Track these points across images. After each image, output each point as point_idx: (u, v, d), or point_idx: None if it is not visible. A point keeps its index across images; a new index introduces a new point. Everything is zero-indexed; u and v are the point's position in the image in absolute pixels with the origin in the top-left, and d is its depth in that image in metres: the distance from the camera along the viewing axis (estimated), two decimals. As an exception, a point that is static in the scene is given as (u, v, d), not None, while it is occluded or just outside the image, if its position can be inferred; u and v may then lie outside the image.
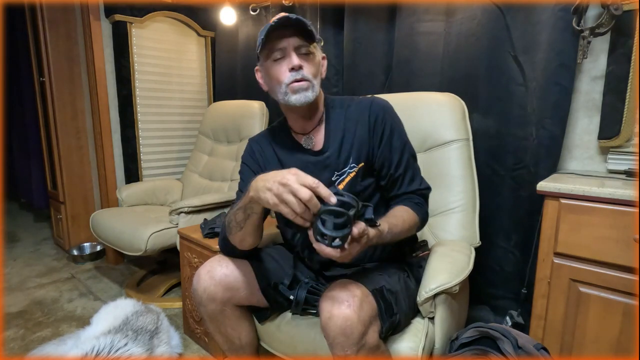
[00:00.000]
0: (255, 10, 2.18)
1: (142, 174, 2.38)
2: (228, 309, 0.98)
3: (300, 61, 0.89)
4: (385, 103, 0.99)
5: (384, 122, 0.96)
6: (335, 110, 1.00)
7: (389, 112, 0.98)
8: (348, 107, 1.00)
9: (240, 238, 0.91)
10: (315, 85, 0.92)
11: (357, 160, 0.96)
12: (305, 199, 0.67)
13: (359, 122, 0.97)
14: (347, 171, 0.96)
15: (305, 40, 0.90)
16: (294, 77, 0.89)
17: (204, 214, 1.73)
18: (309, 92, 0.90)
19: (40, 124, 2.52)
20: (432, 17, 1.52)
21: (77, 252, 2.41)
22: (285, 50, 0.89)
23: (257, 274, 0.98)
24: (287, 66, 0.89)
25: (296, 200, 0.67)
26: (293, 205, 0.68)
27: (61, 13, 2.21)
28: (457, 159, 1.25)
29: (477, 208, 1.25)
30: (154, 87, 2.36)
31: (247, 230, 0.87)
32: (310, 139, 0.99)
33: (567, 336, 1.03)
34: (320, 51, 0.98)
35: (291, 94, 0.90)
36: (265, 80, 0.98)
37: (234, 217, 0.87)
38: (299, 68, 0.89)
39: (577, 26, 1.18)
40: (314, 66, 0.92)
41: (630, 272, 0.92)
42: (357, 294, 0.76)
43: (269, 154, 1.03)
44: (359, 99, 1.01)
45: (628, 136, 1.19)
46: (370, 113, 0.96)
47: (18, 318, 1.71)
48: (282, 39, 0.88)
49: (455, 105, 1.29)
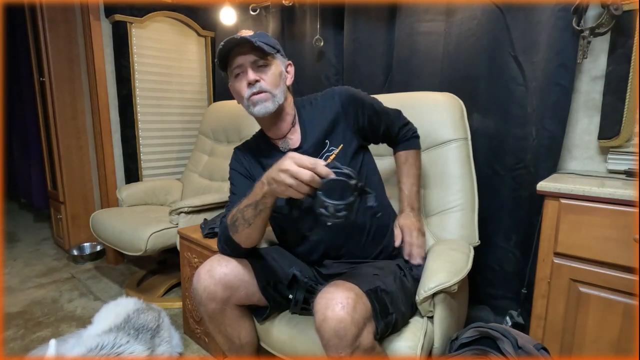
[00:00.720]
0: (255, 10, 2.19)
1: (142, 174, 2.38)
2: (228, 308, 0.98)
3: (256, 75, 0.96)
4: (347, 87, 1.07)
5: (354, 101, 1.03)
6: (305, 109, 1.06)
7: (352, 92, 1.05)
8: (315, 101, 1.07)
9: (246, 235, 0.92)
10: (276, 95, 0.98)
11: (336, 143, 1.02)
12: (307, 179, 0.72)
13: (328, 109, 1.03)
14: (327, 155, 1.01)
15: (261, 54, 0.96)
16: (252, 91, 0.96)
17: (204, 214, 1.73)
18: (269, 102, 0.97)
19: (40, 124, 2.52)
20: (432, 17, 1.53)
21: (77, 252, 2.41)
22: (243, 66, 0.96)
23: (256, 273, 0.98)
24: (245, 81, 0.97)
25: (298, 182, 0.73)
26: (298, 188, 0.73)
27: (61, 13, 2.21)
28: (456, 158, 1.25)
29: (476, 207, 1.25)
30: (154, 87, 2.36)
31: (255, 225, 0.89)
32: (286, 141, 1.05)
33: (567, 336, 1.03)
34: (282, 60, 1.02)
35: (252, 107, 0.98)
36: (234, 95, 1.05)
37: (241, 215, 0.89)
38: (255, 82, 0.96)
39: (577, 26, 1.18)
40: (272, 77, 0.98)
41: (630, 272, 0.92)
42: (351, 295, 0.77)
43: (253, 160, 1.08)
44: (322, 92, 1.09)
45: (628, 136, 1.19)
46: (340, 98, 1.03)
47: (18, 318, 1.71)
48: (238, 57, 0.96)
49: (453, 105, 1.29)
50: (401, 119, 1.14)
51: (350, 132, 1.03)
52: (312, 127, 1.03)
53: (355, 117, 1.03)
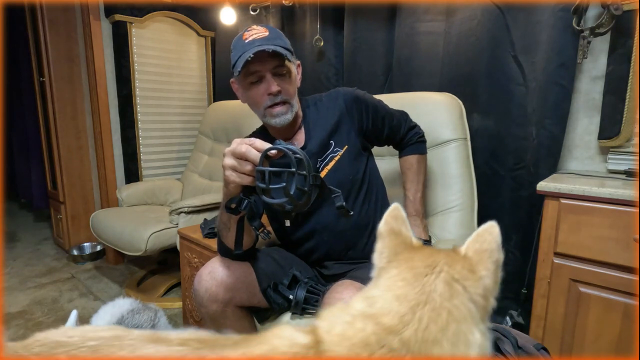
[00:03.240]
0: (255, 10, 2.18)
1: (142, 174, 2.38)
2: (229, 310, 0.97)
3: (278, 85, 0.90)
4: (352, 88, 1.05)
5: (358, 103, 1.01)
6: (310, 109, 1.05)
7: (357, 93, 1.03)
8: (320, 101, 1.05)
9: (231, 239, 0.90)
10: (294, 105, 0.95)
11: (340, 144, 1.00)
12: (242, 152, 0.68)
13: (332, 110, 1.01)
14: (331, 155, 0.99)
15: (281, 59, 0.90)
16: (272, 101, 0.91)
17: (204, 214, 1.73)
18: (288, 114, 0.94)
19: (40, 124, 2.52)
20: (432, 17, 1.53)
21: (77, 252, 2.41)
22: (261, 74, 0.90)
23: (258, 275, 0.98)
24: (264, 90, 0.91)
25: (237, 159, 0.69)
26: (240, 167, 0.69)
27: (61, 13, 2.21)
28: (455, 158, 1.25)
29: (475, 207, 1.25)
30: (154, 87, 2.36)
31: (234, 228, 0.86)
32: (291, 142, 1.02)
33: (567, 336, 1.03)
34: (294, 61, 0.98)
35: (270, 118, 0.93)
36: (242, 96, 1.00)
37: (219, 219, 0.88)
38: (278, 93, 0.90)
39: (577, 26, 1.18)
40: (291, 86, 0.94)
41: (630, 272, 0.92)
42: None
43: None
44: (327, 93, 1.07)
45: (628, 136, 1.19)
46: (344, 99, 1.02)
47: (18, 318, 1.71)
48: (255, 63, 0.87)
49: (452, 105, 1.29)
50: (408, 121, 1.13)
51: (354, 133, 1.02)
52: (317, 127, 1.02)
53: (360, 119, 1.02)
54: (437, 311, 0.40)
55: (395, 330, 0.38)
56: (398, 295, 0.41)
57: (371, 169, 1.08)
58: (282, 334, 0.41)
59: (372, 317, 0.40)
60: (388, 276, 0.44)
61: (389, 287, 0.43)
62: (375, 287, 0.44)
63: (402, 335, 0.38)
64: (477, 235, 0.49)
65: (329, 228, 0.99)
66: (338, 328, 0.40)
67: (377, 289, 0.43)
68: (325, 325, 0.41)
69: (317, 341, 0.39)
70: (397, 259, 0.46)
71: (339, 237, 1.00)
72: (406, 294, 0.41)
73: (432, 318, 0.39)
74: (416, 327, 0.38)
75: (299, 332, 0.41)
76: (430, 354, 0.38)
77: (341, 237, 1.00)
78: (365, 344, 0.38)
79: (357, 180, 1.02)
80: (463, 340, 0.40)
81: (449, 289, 0.41)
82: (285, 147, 0.66)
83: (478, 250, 0.47)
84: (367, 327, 0.39)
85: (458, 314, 0.40)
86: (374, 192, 1.06)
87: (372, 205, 1.04)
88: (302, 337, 0.40)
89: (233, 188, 0.75)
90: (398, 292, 0.41)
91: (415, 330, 0.38)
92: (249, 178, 0.70)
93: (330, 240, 1.01)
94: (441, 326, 0.39)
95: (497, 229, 0.49)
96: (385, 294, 0.42)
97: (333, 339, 0.39)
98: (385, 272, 0.45)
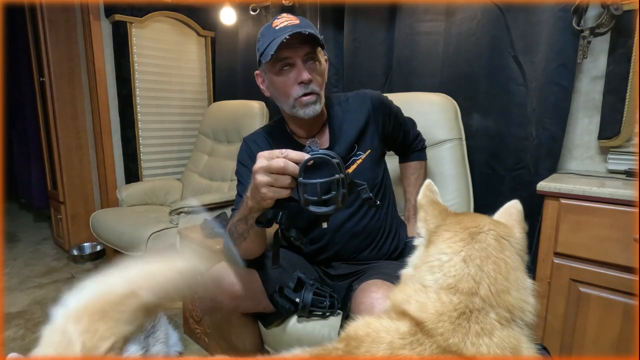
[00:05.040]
0: (255, 10, 2.18)
1: (142, 174, 2.38)
2: (234, 317, 0.96)
3: (309, 74, 0.86)
4: (377, 91, 1.05)
5: (384, 107, 1.01)
6: (334, 108, 1.01)
7: (382, 97, 1.04)
8: (345, 102, 1.01)
9: (244, 249, 0.87)
10: (322, 96, 0.91)
11: (364, 148, 0.98)
12: (280, 166, 0.64)
13: (360, 112, 0.99)
14: (354, 159, 0.97)
15: (313, 47, 0.86)
16: (302, 91, 0.86)
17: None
18: (317, 105, 0.89)
19: (40, 124, 2.52)
20: (432, 17, 1.52)
21: (77, 252, 2.40)
22: (292, 60, 0.85)
23: (263, 282, 0.95)
24: (294, 79, 0.86)
25: (274, 175, 0.65)
26: (277, 182, 0.65)
27: (61, 13, 2.21)
28: (451, 158, 1.26)
29: (471, 206, 1.25)
30: (154, 87, 2.36)
31: (251, 239, 0.84)
32: (315, 142, 0.98)
33: (567, 336, 1.03)
34: (324, 54, 0.95)
35: (299, 108, 0.88)
36: (268, 88, 0.95)
37: (235, 229, 0.84)
38: (309, 82, 0.86)
39: (577, 26, 1.18)
40: (321, 76, 0.90)
41: (630, 272, 0.92)
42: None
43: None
44: (353, 93, 1.04)
45: (628, 136, 1.19)
46: (372, 102, 1.00)
47: (18, 318, 1.71)
48: (286, 49, 0.83)
49: (447, 106, 1.30)
50: (415, 129, 1.14)
51: (377, 137, 1.00)
52: (344, 128, 0.98)
53: (384, 123, 1.01)
54: (497, 263, 0.47)
55: (474, 292, 0.45)
56: (464, 257, 0.47)
57: (386, 175, 1.07)
58: (381, 328, 0.45)
59: (452, 288, 0.46)
60: (443, 238, 0.50)
61: (452, 249, 0.49)
62: (437, 251, 0.50)
63: (480, 294, 0.44)
64: (504, 209, 0.56)
65: (342, 230, 0.97)
66: (429, 306, 0.45)
67: (442, 253, 0.49)
68: (413, 306, 0.46)
69: (417, 323, 0.44)
70: (445, 222, 0.53)
71: (351, 238, 0.98)
72: (470, 254, 0.47)
73: (496, 270, 0.46)
74: (488, 281, 0.45)
75: (393, 321, 0.46)
76: (505, 302, 0.44)
77: (353, 238, 0.98)
78: (460, 313, 0.44)
79: (376, 184, 1.00)
80: (522, 285, 0.47)
81: (500, 244, 0.48)
82: (323, 154, 0.65)
83: (508, 220, 0.54)
84: (453, 298, 0.45)
85: (512, 263, 0.48)
86: (387, 196, 1.05)
87: (384, 209, 1.03)
88: (402, 325, 0.45)
89: (269, 204, 0.71)
90: (463, 254, 0.47)
91: (488, 285, 0.45)
92: (287, 191, 0.67)
93: (342, 242, 0.99)
94: (505, 275, 0.46)
95: (520, 205, 0.56)
96: (453, 258, 0.48)
97: (431, 317, 0.44)
98: (438, 236, 0.51)
